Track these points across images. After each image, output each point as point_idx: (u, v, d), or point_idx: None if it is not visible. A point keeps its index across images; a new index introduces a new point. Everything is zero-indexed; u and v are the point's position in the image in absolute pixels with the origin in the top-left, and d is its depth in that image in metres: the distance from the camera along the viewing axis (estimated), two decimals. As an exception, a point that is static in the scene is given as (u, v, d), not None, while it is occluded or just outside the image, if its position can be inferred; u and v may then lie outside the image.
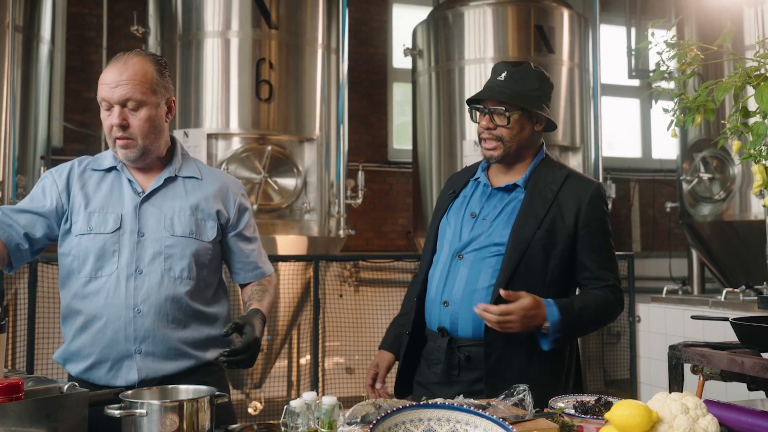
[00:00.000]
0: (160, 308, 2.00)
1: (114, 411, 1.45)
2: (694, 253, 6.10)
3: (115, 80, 1.95)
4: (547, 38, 5.48)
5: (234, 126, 4.79)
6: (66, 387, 1.55)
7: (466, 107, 2.41)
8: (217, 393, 1.56)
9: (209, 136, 4.77)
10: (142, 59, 2.00)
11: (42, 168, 4.78)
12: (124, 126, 1.97)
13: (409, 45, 6.11)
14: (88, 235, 2.01)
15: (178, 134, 4.80)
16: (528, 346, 2.17)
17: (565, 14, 5.65)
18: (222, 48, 4.84)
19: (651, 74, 7.63)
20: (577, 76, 5.66)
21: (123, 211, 2.04)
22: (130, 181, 2.07)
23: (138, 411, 1.43)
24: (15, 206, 2.04)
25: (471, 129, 5.42)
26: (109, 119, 1.98)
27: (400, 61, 6.91)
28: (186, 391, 1.58)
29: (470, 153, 5.39)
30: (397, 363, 2.43)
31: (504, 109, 2.22)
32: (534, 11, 5.51)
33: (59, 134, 6.10)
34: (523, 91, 2.23)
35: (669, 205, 6.24)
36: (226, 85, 4.81)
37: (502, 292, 2.04)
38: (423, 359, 2.34)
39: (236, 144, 4.79)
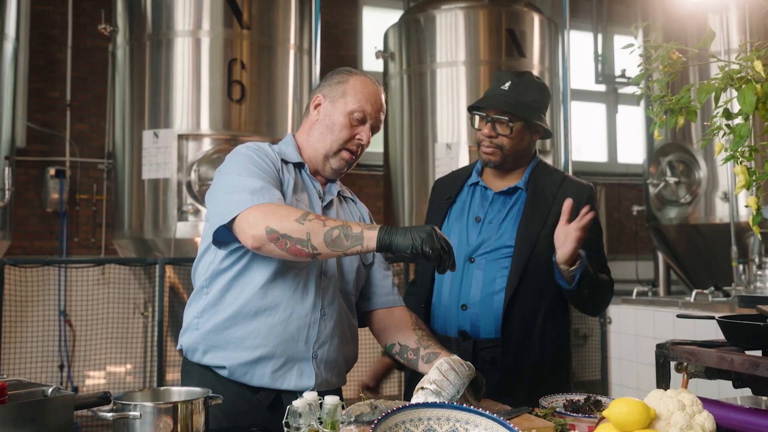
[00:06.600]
0: (340, 317, 1.93)
1: (106, 413, 1.41)
2: (660, 256, 6.20)
3: (381, 105, 2.01)
4: (518, 42, 5.53)
5: (205, 127, 4.73)
6: (50, 390, 1.50)
7: (438, 109, 2.45)
8: (210, 395, 1.52)
9: (180, 136, 4.70)
10: None
11: (6, 168, 4.64)
12: (365, 146, 2.01)
13: (380, 48, 6.10)
14: None
15: (147, 135, 4.72)
16: (539, 344, 2.23)
17: (536, 19, 5.70)
18: (193, 48, 4.77)
19: (617, 79, 7.72)
20: (548, 80, 5.71)
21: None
22: (312, 182, 2.00)
23: (131, 413, 1.39)
24: (274, 186, 1.84)
25: (443, 132, 5.44)
26: (354, 130, 1.98)
27: (371, 63, 6.89)
28: (179, 393, 1.54)
29: (442, 155, 5.39)
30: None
31: (507, 119, 2.23)
32: (505, 15, 5.56)
33: (22, 134, 5.94)
34: (527, 102, 2.24)
35: (636, 208, 6.33)
36: (197, 86, 4.74)
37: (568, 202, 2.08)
38: None
39: (207, 145, 4.73)
